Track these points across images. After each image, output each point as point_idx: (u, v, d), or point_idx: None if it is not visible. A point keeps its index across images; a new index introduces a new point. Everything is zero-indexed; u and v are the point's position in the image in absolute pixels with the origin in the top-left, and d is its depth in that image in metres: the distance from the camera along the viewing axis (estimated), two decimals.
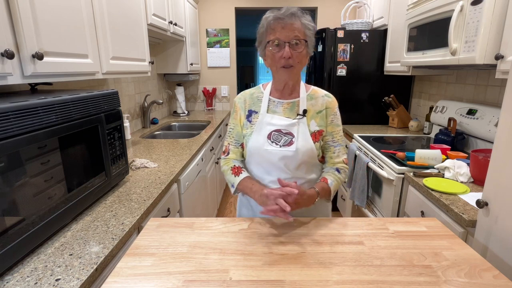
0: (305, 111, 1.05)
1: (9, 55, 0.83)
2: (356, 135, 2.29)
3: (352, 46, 2.62)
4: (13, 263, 0.76)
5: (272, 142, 1.04)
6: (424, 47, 1.80)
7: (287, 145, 1.03)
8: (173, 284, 0.69)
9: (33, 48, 0.94)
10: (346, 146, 2.52)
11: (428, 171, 1.49)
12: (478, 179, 1.33)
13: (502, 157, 0.89)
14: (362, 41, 2.61)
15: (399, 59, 2.25)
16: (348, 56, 2.64)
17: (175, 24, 2.53)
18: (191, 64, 3.16)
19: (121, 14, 1.58)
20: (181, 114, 3.39)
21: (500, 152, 0.90)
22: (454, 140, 1.81)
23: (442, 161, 1.54)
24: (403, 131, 2.50)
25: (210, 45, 3.64)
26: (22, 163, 0.78)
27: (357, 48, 2.62)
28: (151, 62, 2.01)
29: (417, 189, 1.41)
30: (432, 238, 0.88)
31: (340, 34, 2.59)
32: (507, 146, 0.87)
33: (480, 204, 0.96)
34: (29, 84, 1.18)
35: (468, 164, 1.41)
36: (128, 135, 2.17)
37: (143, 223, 1.09)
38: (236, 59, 3.75)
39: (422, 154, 1.57)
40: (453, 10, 1.48)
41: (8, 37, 0.86)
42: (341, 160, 1.11)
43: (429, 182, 1.34)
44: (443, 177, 1.41)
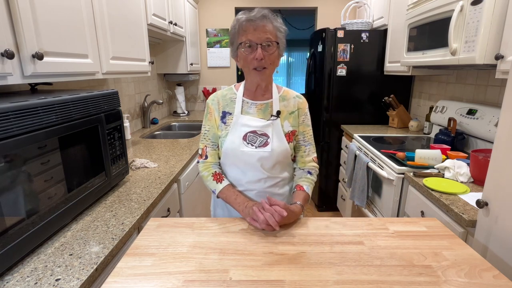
0: (278, 112, 1.07)
1: (9, 55, 0.83)
2: (356, 135, 2.29)
3: (352, 46, 2.62)
4: (13, 263, 0.76)
5: (248, 143, 1.05)
6: (424, 47, 1.80)
7: (263, 146, 1.04)
8: (173, 284, 0.69)
9: (33, 48, 0.94)
10: (346, 146, 2.52)
11: (428, 171, 1.49)
12: (478, 179, 1.33)
13: (502, 157, 0.89)
14: (362, 41, 2.61)
15: (399, 59, 2.25)
16: (348, 56, 2.64)
17: (175, 24, 2.53)
18: (191, 64, 3.16)
19: (121, 14, 1.58)
20: (181, 114, 3.39)
21: (500, 152, 0.90)
22: (454, 140, 1.81)
23: (442, 161, 1.54)
24: (403, 131, 2.50)
25: (210, 45, 3.64)
26: (22, 163, 0.78)
27: (357, 48, 2.62)
28: (151, 62, 2.01)
29: (417, 189, 1.41)
30: (432, 238, 0.88)
31: (340, 34, 2.59)
32: (507, 146, 0.87)
33: (480, 204, 0.96)
34: (29, 84, 1.18)
35: (468, 164, 1.41)
36: (128, 135, 2.17)
37: (143, 223, 1.09)
38: None
39: (422, 154, 1.57)
40: (453, 10, 1.48)
41: (8, 37, 0.86)
42: (311, 158, 1.14)
43: (429, 182, 1.34)
44: (443, 177, 1.41)
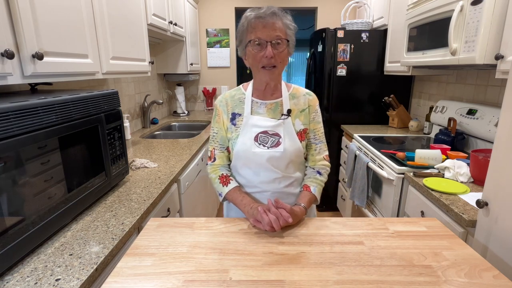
0: (289, 111, 1.05)
1: (9, 55, 0.83)
2: (356, 135, 2.29)
3: (352, 46, 2.62)
4: (13, 263, 0.76)
5: (260, 144, 1.03)
6: (424, 47, 1.80)
7: (275, 146, 1.03)
8: (173, 284, 0.69)
9: (33, 48, 0.94)
10: (346, 146, 2.53)
11: (428, 171, 1.49)
12: (478, 179, 1.33)
13: (502, 157, 0.89)
14: (362, 41, 2.60)
15: (399, 59, 2.25)
16: (348, 56, 2.63)
17: (175, 24, 2.53)
18: (191, 64, 3.16)
19: (121, 14, 1.58)
20: (181, 114, 3.39)
21: (500, 152, 0.90)
22: (454, 140, 1.81)
23: (442, 161, 1.54)
24: (403, 131, 2.50)
25: (210, 45, 3.64)
26: (22, 163, 0.78)
27: (357, 48, 2.62)
28: (151, 62, 2.01)
29: (417, 189, 1.41)
30: (432, 238, 0.88)
31: (340, 34, 2.59)
32: (507, 146, 0.87)
33: (480, 204, 0.96)
34: (29, 84, 1.18)
35: (468, 164, 1.41)
36: (128, 135, 2.17)
37: (143, 223, 1.09)
38: (236, 59, 3.75)
39: (422, 154, 1.57)
40: (453, 10, 1.48)
41: (8, 37, 0.86)
42: (322, 157, 1.12)
43: (429, 182, 1.34)
44: (443, 177, 1.41)
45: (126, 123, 2.13)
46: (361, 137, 2.23)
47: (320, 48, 2.78)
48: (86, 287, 0.74)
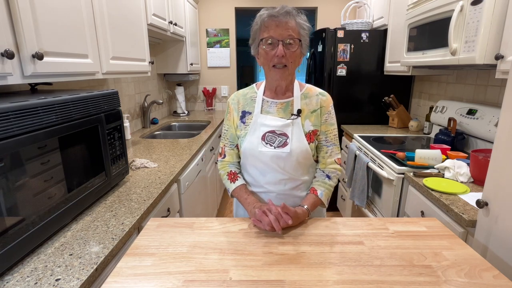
0: (299, 111, 1.04)
1: (9, 55, 0.83)
2: (356, 135, 2.29)
3: (352, 46, 2.62)
4: (13, 263, 0.76)
5: (267, 144, 1.02)
6: (424, 47, 1.80)
7: (282, 146, 1.01)
8: (173, 284, 0.69)
9: (33, 48, 0.94)
10: (346, 146, 2.53)
11: (428, 171, 1.49)
12: (478, 179, 1.33)
13: (502, 157, 0.89)
14: (362, 41, 2.60)
15: (399, 59, 2.25)
16: (348, 56, 2.64)
17: (175, 24, 2.53)
18: (191, 64, 3.16)
19: (121, 14, 1.58)
20: (181, 114, 3.39)
21: (500, 152, 0.90)
22: (454, 140, 1.81)
23: (442, 161, 1.54)
24: (403, 131, 2.50)
25: (210, 45, 3.64)
26: (22, 163, 0.78)
27: (357, 48, 2.62)
28: (151, 62, 2.01)
29: (417, 189, 1.41)
30: (432, 238, 0.88)
31: (340, 34, 2.59)
32: (507, 146, 0.87)
33: (480, 204, 0.96)
34: (29, 84, 1.18)
35: (468, 164, 1.41)
36: (128, 135, 2.17)
37: (143, 223, 1.09)
38: (236, 59, 3.75)
39: (422, 154, 1.57)
40: (453, 10, 1.48)
41: (8, 37, 0.86)
42: (333, 160, 1.09)
43: (429, 182, 1.34)
44: (443, 177, 1.41)
45: (126, 123, 2.13)
46: (361, 137, 2.23)
47: (320, 48, 2.78)
48: (86, 287, 0.74)
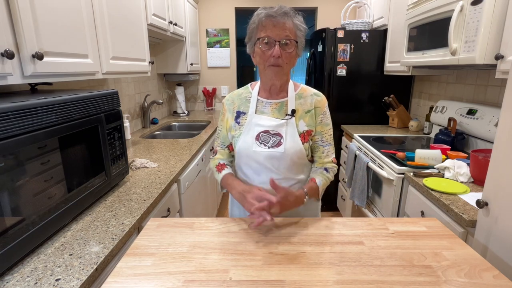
0: (293, 111, 1.04)
1: (9, 55, 0.83)
2: (356, 135, 2.29)
3: (352, 46, 2.61)
4: (13, 263, 0.76)
5: (261, 143, 1.03)
6: (424, 47, 1.80)
7: (276, 146, 1.02)
8: (173, 284, 0.69)
9: (33, 48, 0.94)
10: (346, 146, 2.53)
11: (428, 171, 1.49)
12: (478, 179, 1.33)
13: (502, 157, 0.89)
14: (362, 41, 2.60)
15: (399, 59, 2.25)
16: (348, 56, 2.63)
17: (175, 24, 2.53)
18: (191, 64, 3.16)
19: (121, 14, 1.58)
20: (181, 114, 3.39)
21: (500, 152, 0.90)
22: (454, 140, 1.81)
23: (442, 161, 1.54)
24: (403, 131, 2.50)
25: (210, 45, 3.64)
26: (22, 163, 0.78)
27: (357, 48, 2.62)
28: (151, 62, 2.01)
29: (417, 189, 1.41)
30: (432, 238, 0.88)
31: (340, 34, 2.59)
32: (507, 146, 0.87)
33: (480, 204, 0.96)
34: (29, 84, 1.18)
35: (468, 164, 1.41)
36: (128, 135, 2.17)
37: (143, 223, 1.09)
38: (236, 59, 3.75)
39: (422, 154, 1.57)
40: (453, 10, 1.48)
41: (8, 37, 0.86)
42: (330, 160, 1.11)
43: (429, 182, 1.34)
44: (443, 177, 1.41)
45: (126, 123, 2.13)
46: (361, 137, 2.23)
47: (320, 48, 2.78)
48: (86, 287, 0.74)
